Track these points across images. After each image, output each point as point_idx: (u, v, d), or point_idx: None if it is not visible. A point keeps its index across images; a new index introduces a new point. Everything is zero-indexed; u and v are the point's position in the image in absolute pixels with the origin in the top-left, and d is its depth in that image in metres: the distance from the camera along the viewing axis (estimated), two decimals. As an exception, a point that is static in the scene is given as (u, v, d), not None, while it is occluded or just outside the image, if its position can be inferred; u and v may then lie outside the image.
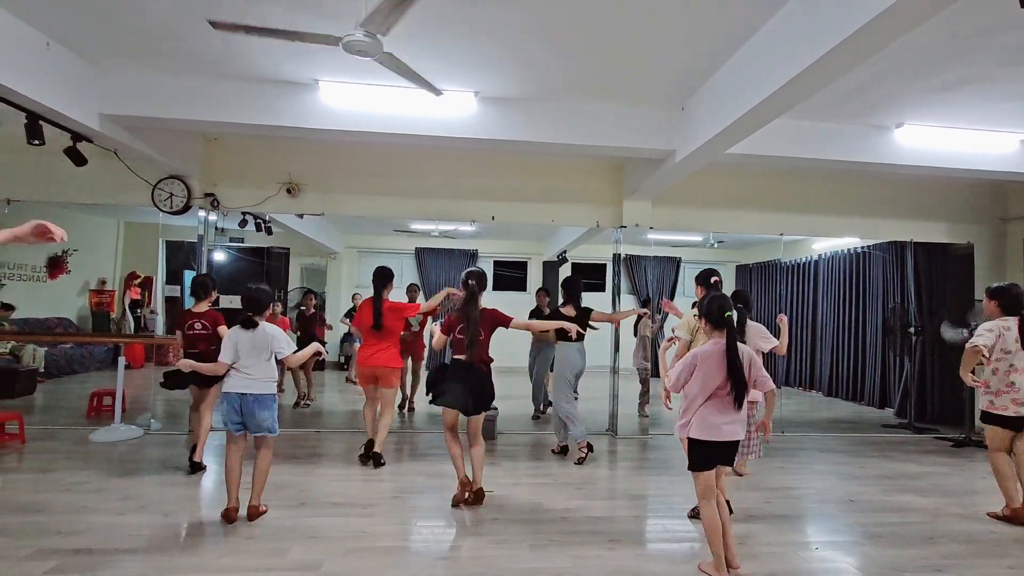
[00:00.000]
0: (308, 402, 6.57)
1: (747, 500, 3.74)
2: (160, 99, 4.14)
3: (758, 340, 3.88)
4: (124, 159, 4.96)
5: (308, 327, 6.97)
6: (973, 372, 3.49)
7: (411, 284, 6.90)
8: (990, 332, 3.42)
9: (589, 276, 10.90)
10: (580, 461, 4.46)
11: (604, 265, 10.60)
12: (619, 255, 5.85)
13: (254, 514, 3.16)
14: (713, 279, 3.57)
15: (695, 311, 3.24)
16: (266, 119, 4.24)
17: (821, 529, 3.35)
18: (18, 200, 5.26)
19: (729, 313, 2.58)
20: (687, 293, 10.43)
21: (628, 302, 6.15)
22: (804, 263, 9.18)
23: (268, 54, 3.76)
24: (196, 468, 3.96)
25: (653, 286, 10.45)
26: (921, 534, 3.25)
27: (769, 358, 8.52)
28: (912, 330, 6.42)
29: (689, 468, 2.66)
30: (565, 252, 9.16)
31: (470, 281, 3.49)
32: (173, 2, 3.18)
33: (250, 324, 3.11)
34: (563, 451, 4.75)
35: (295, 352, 3.25)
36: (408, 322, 4.82)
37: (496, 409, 5.48)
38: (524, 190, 5.79)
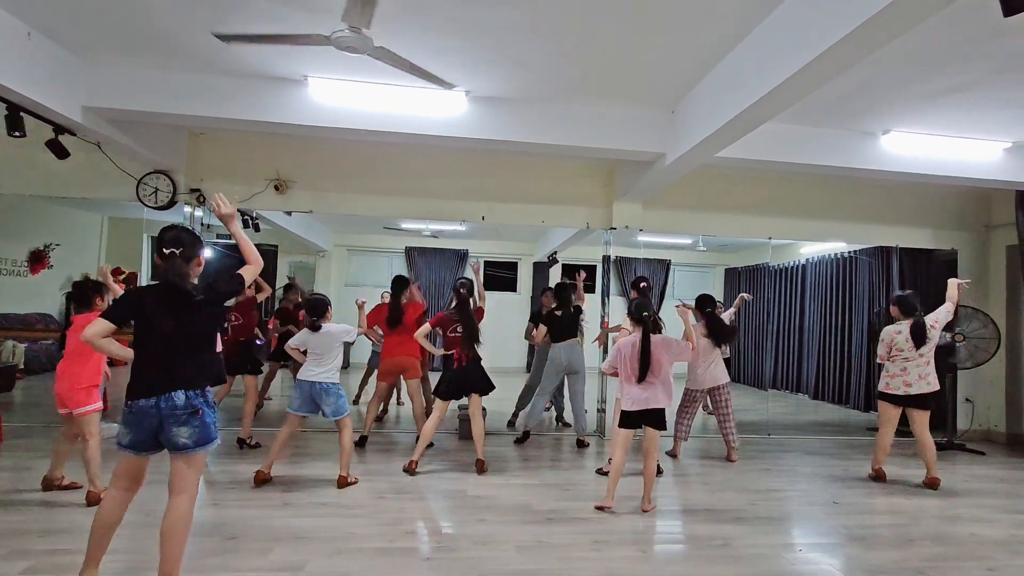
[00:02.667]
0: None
1: (732, 502, 3.75)
2: (145, 93, 4.07)
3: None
4: (108, 153, 4.88)
5: (291, 322, 6.88)
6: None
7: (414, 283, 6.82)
8: (882, 343, 4.32)
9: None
10: (517, 440, 5.14)
11: (594, 267, 10.63)
12: (609, 257, 5.86)
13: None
14: (642, 284, 4.66)
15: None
16: (254, 115, 4.19)
17: (806, 531, 3.37)
18: (-1, 193, 5.16)
19: (646, 313, 3.49)
20: (675, 295, 10.48)
21: (617, 304, 6.15)
22: (792, 267, 9.26)
23: (257, 49, 3.71)
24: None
25: (642, 288, 10.47)
26: (904, 536, 3.28)
27: (757, 360, 8.50)
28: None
29: (619, 426, 3.57)
30: (556, 253, 9.16)
31: (462, 290, 4.23)
32: (160, -6, 3.12)
33: (316, 327, 3.71)
34: (526, 436, 5.20)
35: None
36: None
37: (485, 410, 5.49)
38: (515, 191, 5.78)
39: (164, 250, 2.26)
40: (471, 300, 4.26)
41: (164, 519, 2.22)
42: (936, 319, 4.25)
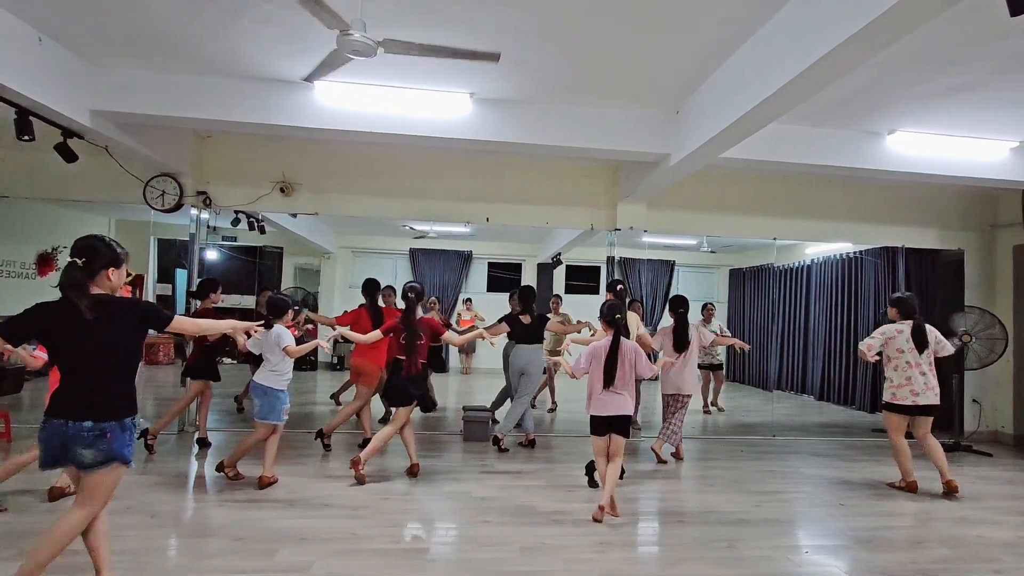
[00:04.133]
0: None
1: (737, 504, 3.75)
2: (152, 96, 4.10)
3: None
4: (115, 156, 4.91)
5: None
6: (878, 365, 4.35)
7: (387, 286, 6.17)
8: (882, 335, 4.18)
9: (583, 279, 10.93)
10: (495, 442, 4.90)
11: (598, 268, 10.62)
12: (613, 258, 5.86)
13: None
14: (619, 287, 4.51)
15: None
16: (260, 117, 4.21)
17: (811, 533, 3.36)
18: (6, 196, 5.21)
19: (619, 315, 3.44)
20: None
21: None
22: (797, 267, 9.22)
23: (263, 52, 3.74)
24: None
25: (647, 289, 10.46)
26: (910, 538, 3.26)
27: (761, 361, 8.48)
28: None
29: (591, 433, 3.47)
30: (560, 254, 9.15)
31: (410, 294, 4.00)
32: (168, 0, 3.15)
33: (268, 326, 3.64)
34: (496, 442, 4.96)
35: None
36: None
37: (491, 412, 5.51)
38: (519, 192, 5.79)
39: (70, 258, 2.07)
40: (418, 307, 4.03)
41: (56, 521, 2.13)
42: (939, 340, 4.15)
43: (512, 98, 4.35)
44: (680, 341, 4.60)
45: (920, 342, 4.09)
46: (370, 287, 4.97)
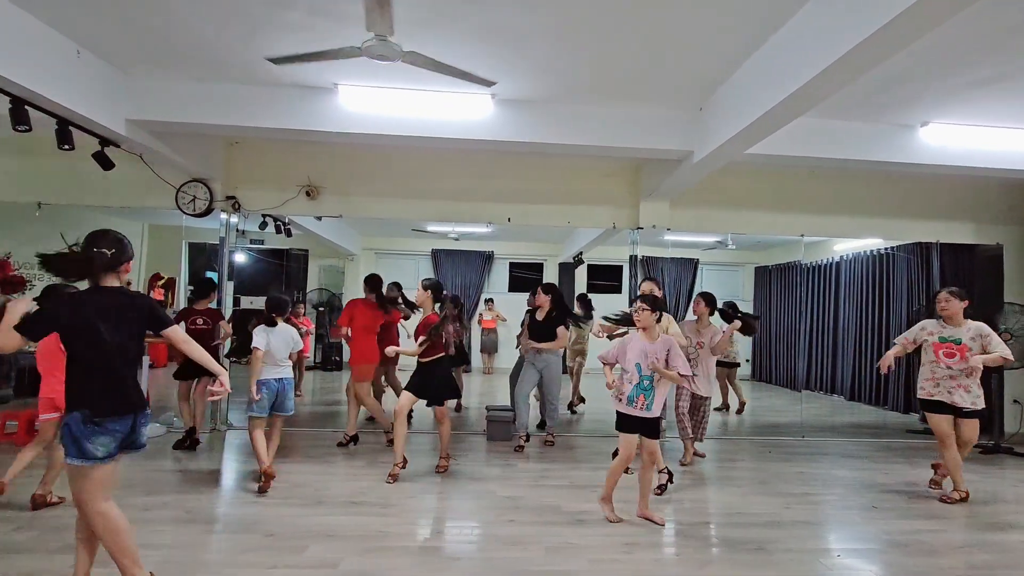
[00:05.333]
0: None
1: (766, 505, 3.68)
2: (184, 104, 4.23)
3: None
4: (149, 163, 5.07)
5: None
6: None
7: (392, 283, 5.84)
8: (923, 329, 3.91)
9: (605, 278, 10.86)
10: (518, 448, 4.90)
11: (620, 267, 10.54)
12: (636, 256, 5.81)
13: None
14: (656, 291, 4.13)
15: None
16: (286, 123, 4.31)
17: (843, 536, 3.28)
18: (48, 204, 5.42)
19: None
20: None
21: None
22: (825, 265, 9.02)
23: (288, 59, 3.82)
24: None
25: (670, 288, 10.34)
26: (948, 543, 3.17)
27: (789, 360, 8.29)
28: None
29: (618, 429, 3.31)
30: (581, 254, 9.12)
31: (451, 304, 4.07)
32: (198, 11, 3.24)
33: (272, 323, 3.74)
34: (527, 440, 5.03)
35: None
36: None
37: (513, 411, 5.51)
38: (540, 192, 5.79)
39: (96, 249, 2.14)
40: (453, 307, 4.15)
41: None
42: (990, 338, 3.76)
43: (533, 98, 4.36)
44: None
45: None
46: (371, 282, 5.08)
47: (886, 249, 7.65)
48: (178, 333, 2.37)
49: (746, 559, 2.87)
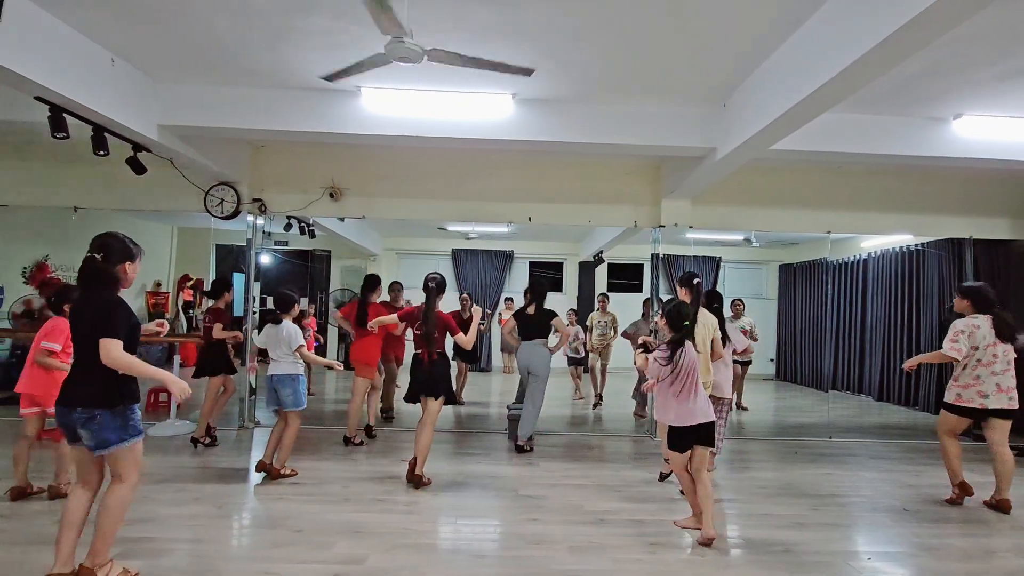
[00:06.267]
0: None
1: (792, 507, 3.63)
2: (213, 109, 4.33)
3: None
4: (179, 167, 5.21)
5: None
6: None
7: (394, 282, 6.22)
8: (963, 334, 3.67)
9: (626, 277, 10.80)
10: (519, 450, 4.76)
11: (641, 265, 10.47)
12: (657, 255, 5.77)
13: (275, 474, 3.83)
14: (695, 280, 3.83)
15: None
16: (311, 126, 4.38)
17: (873, 539, 3.22)
18: (84, 208, 5.61)
19: (687, 323, 3.10)
20: (726, 294, 10.17)
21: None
22: (852, 262, 8.83)
23: (312, 63, 3.88)
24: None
25: (692, 286, 10.23)
26: (983, 548, 3.08)
27: (815, 359, 8.15)
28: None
29: (669, 448, 3.16)
30: (601, 252, 9.08)
31: (430, 283, 3.92)
32: (225, 19, 3.32)
33: (276, 321, 3.88)
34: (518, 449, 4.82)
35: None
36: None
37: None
38: (561, 191, 5.78)
39: (88, 253, 2.29)
40: (438, 297, 3.95)
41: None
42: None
43: (554, 98, 4.36)
44: (723, 337, 4.23)
45: (1005, 336, 3.64)
46: (368, 283, 5.12)
47: (916, 246, 7.46)
48: (114, 351, 2.21)
49: (772, 561, 2.84)
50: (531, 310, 4.94)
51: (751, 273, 10.51)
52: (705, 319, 3.82)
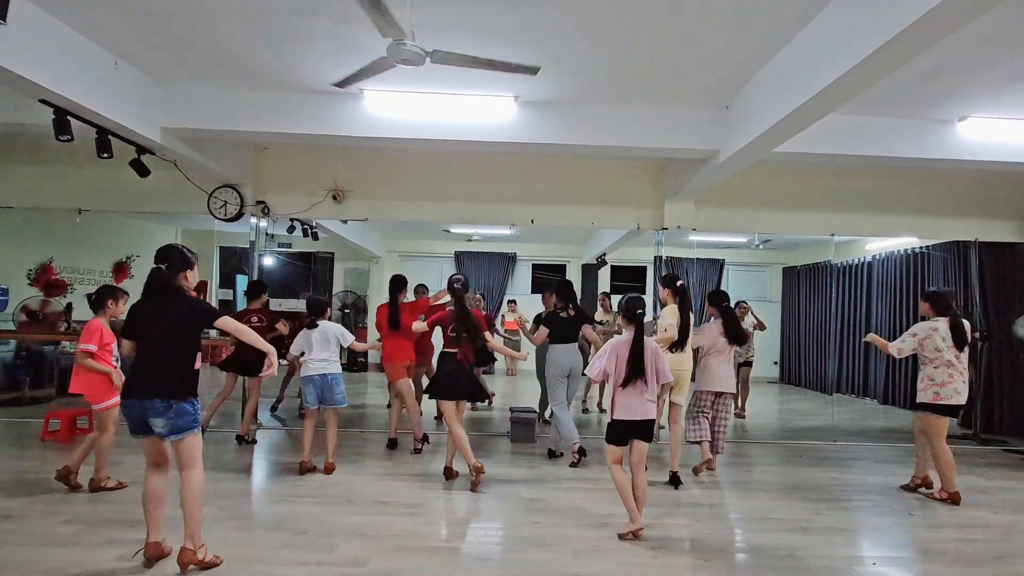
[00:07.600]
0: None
1: (795, 511, 3.61)
2: (216, 112, 4.35)
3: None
4: (183, 170, 5.23)
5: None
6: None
7: (419, 285, 6.20)
8: (913, 337, 3.91)
9: (629, 279, 10.77)
10: (573, 464, 4.44)
11: (644, 267, 10.44)
12: (660, 257, 5.75)
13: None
14: (678, 283, 4.22)
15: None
16: (314, 128, 4.40)
17: (878, 543, 3.20)
18: (88, 210, 5.64)
19: (640, 311, 3.12)
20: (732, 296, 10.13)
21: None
22: (857, 264, 8.79)
23: (315, 66, 3.90)
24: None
25: (695, 289, 10.20)
26: (990, 552, 3.05)
27: (819, 362, 8.13)
28: (977, 335, 6.04)
29: (608, 442, 3.14)
30: (604, 255, 9.06)
31: (456, 285, 4.02)
32: (228, 21, 3.34)
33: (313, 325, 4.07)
34: (551, 455, 4.67)
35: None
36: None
37: (536, 412, 5.52)
38: (564, 193, 5.78)
39: (154, 264, 2.57)
40: (467, 298, 4.06)
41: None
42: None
43: (557, 100, 4.35)
44: (735, 333, 4.28)
45: (959, 340, 3.82)
46: (395, 284, 4.93)
47: (921, 248, 7.42)
48: (228, 321, 2.60)
49: (776, 565, 2.82)
50: (568, 313, 4.76)
51: (755, 276, 10.47)
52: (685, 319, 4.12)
